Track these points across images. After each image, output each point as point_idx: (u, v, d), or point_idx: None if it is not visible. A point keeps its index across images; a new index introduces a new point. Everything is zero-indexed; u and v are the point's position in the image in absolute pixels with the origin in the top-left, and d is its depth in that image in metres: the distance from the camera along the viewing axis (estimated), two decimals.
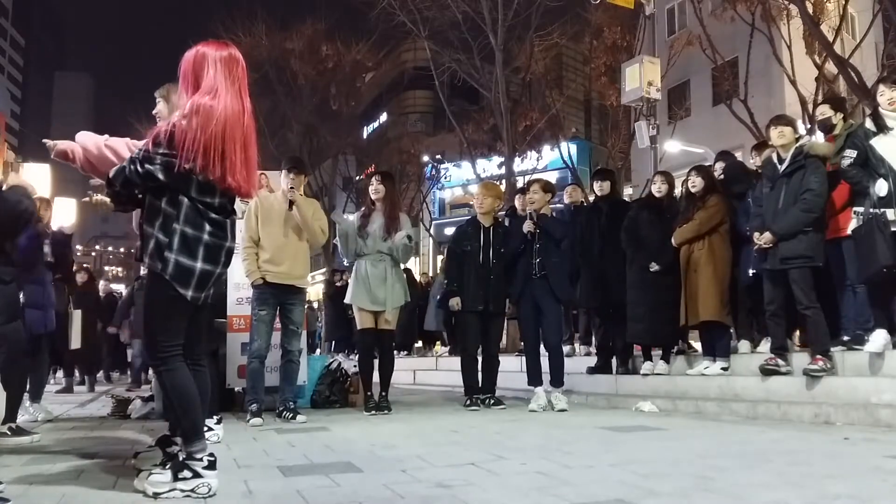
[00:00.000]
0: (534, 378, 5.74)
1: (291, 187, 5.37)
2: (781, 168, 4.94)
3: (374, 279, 5.63)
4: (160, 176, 2.57)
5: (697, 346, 6.52)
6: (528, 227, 5.80)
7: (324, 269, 23.25)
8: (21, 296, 4.24)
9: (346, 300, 5.87)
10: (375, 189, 5.83)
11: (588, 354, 7.43)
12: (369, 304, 5.63)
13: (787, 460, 2.97)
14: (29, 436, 4.22)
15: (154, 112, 3.15)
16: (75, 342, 7.60)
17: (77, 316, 7.48)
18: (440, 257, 12.12)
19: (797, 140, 5.02)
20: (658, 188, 6.16)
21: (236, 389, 6.13)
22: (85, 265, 13.68)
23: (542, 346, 5.91)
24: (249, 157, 2.68)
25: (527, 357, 5.91)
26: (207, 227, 2.64)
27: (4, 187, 3.62)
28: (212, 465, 2.57)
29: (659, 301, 5.77)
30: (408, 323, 10.66)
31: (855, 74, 11.90)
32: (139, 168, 2.58)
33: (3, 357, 3.89)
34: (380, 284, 5.63)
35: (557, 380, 5.69)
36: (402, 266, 6.01)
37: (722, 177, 6.07)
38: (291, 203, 5.34)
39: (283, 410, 5.18)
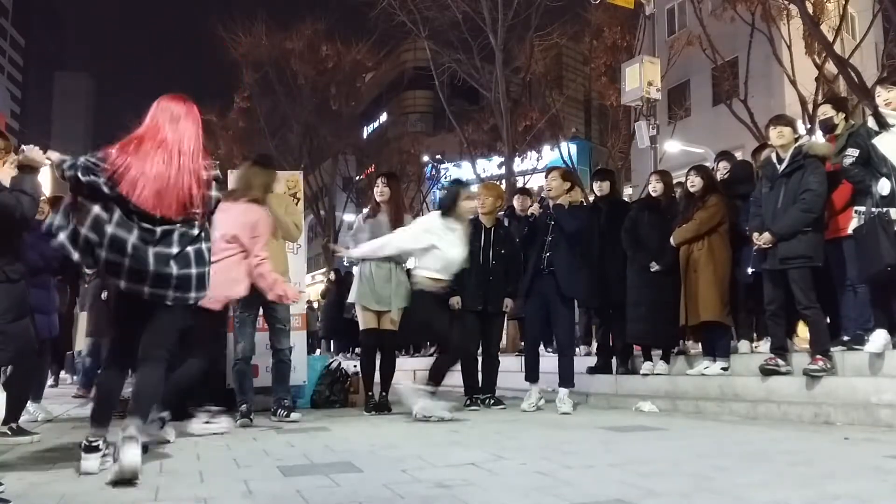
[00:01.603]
0: (530, 374, 5.60)
1: None
2: (780, 168, 4.94)
3: (379, 279, 5.62)
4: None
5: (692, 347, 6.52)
6: (533, 209, 5.73)
7: (323, 269, 23.24)
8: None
9: (350, 300, 5.86)
10: (381, 191, 5.82)
11: (588, 354, 7.43)
12: (374, 304, 5.63)
13: (788, 460, 2.97)
14: (29, 436, 4.21)
15: None
16: (80, 343, 7.61)
17: (83, 318, 7.48)
18: None
19: (796, 140, 5.01)
20: (653, 187, 6.14)
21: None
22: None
23: (541, 345, 5.86)
24: (158, 180, 2.96)
25: (526, 353, 5.86)
26: (136, 231, 2.93)
27: (4, 181, 3.59)
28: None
29: (659, 301, 5.75)
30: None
31: (855, 74, 11.90)
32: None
33: (9, 356, 3.86)
34: (384, 284, 5.62)
35: (565, 379, 5.40)
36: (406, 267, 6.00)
37: (727, 176, 6.06)
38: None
39: (277, 409, 5.16)
